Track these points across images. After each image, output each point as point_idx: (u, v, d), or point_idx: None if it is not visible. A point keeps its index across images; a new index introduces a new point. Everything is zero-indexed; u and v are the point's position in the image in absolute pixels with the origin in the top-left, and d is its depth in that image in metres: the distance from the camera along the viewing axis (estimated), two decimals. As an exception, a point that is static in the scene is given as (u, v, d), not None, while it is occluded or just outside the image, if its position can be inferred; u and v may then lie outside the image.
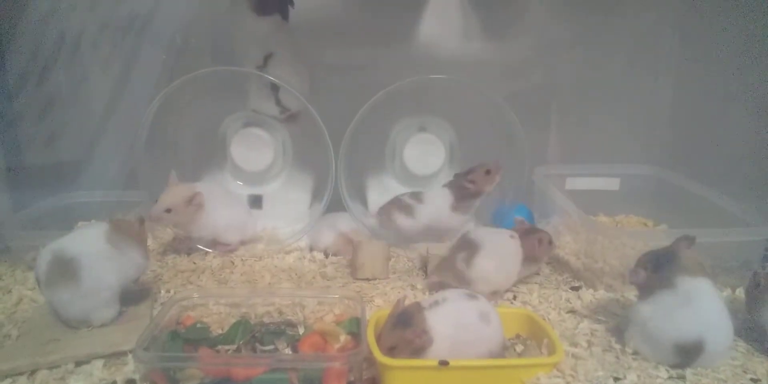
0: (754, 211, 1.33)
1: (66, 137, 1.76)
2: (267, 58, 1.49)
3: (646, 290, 1.05)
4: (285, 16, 1.54)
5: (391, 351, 0.94)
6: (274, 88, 1.52)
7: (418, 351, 0.94)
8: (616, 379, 0.96)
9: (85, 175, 1.77)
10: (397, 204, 1.51)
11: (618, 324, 1.14)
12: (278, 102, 1.54)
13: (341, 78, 1.72)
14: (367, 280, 1.35)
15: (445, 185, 1.51)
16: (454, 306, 0.98)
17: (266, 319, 1.12)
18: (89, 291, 1.05)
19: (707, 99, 1.69)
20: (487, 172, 1.46)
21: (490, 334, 0.98)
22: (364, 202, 1.67)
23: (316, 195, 1.64)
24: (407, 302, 1.01)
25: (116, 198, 1.64)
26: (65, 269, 1.04)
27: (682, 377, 0.97)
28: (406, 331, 0.94)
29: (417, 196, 1.50)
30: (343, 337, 1.03)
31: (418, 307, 0.98)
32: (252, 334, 1.05)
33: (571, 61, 1.77)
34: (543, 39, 1.75)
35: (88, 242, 1.09)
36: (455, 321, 0.96)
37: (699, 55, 1.70)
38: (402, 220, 1.49)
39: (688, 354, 0.98)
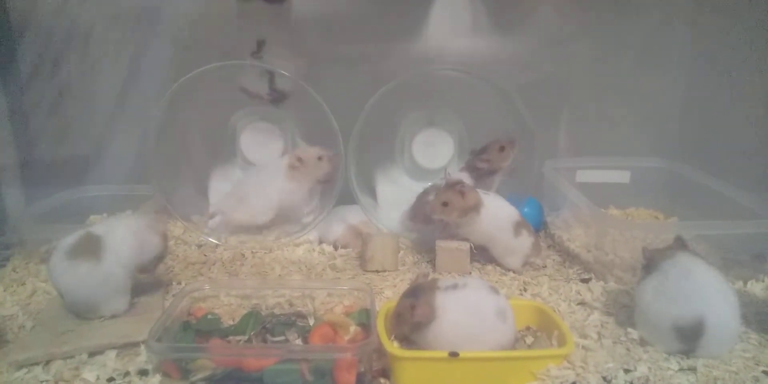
0: (764, 203, 1.32)
1: (77, 132, 1.77)
2: (260, 45, 1.48)
3: (646, 268, 1.06)
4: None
5: (397, 318, 0.97)
6: (271, 72, 1.51)
7: (418, 325, 0.95)
8: (626, 370, 0.96)
9: (97, 170, 1.77)
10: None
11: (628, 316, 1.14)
12: (272, 84, 1.53)
13: (351, 72, 1.71)
14: (377, 272, 1.36)
15: (462, 169, 1.51)
16: (472, 294, 0.99)
17: (277, 311, 1.13)
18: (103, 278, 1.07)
19: (718, 91, 1.67)
20: (501, 148, 1.46)
21: (504, 332, 0.98)
22: (373, 194, 1.67)
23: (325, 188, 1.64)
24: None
25: (127, 192, 1.66)
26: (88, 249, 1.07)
27: (693, 369, 0.97)
28: (408, 299, 0.96)
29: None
30: (353, 329, 1.04)
31: (432, 284, 0.99)
32: (263, 325, 1.06)
33: (582, 55, 1.75)
34: (553, 32, 1.73)
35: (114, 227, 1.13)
36: (468, 309, 0.96)
37: (709, 47, 1.69)
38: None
39: (688, 335, 0.98)
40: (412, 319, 0.95)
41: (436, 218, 1.33)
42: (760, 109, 1.56)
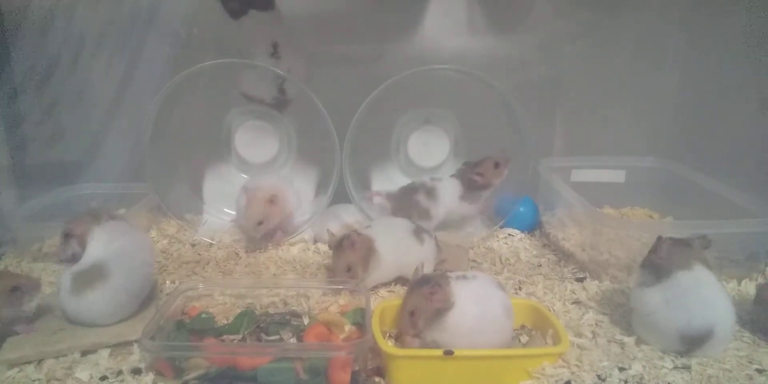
0: (760, 203, 1.32)
1: (73, 132, 1.75)
2: (275, 46, 1.48)
3: (656, 272, 1.04)
4: (264, 7, 1.48)
5: (410, 316, 0.95)
6: (280, 75, 1.51)
7: (437, 313, 0.94)
8: (621, 369, 0.96)
9: (93, 169, 1.76)
10: (414, 207, 1.49)
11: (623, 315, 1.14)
12: (282, 90, 1.53)
13: (347, 71, 1.71)
14: (372, 271, 1.35)
15: (453, 175, 1.51)
16: (482, 286, 0.99)
17: (271, 310, 1.12)
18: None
19: (713, 90, 1.67)
20: (496, 165, 1.46)
21: (507, 328, 0.98)
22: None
23: (320, 187, 1.64)
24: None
25: (122, 190, 1.65)
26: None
27: (688, 367, 0.97)
28: (424, 288, 0.94)
29: (430, 194, 1.49)
30: (348, 328, 1.04)
31: (443, 274, 0.99)
32: (257, 325, 1.05)
33: (577, 54, 1.75)
34: (548, 32, 1.73)
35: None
36: (480, 300, 0.96)
37: (704, 46, 1.69)
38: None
39: (695, 343, 0.99)
40: (431, 305, 0.94)
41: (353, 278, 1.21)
42: (754, 108, 1.56)
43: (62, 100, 1.73)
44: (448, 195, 1.49)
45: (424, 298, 0.95)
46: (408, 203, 1.50)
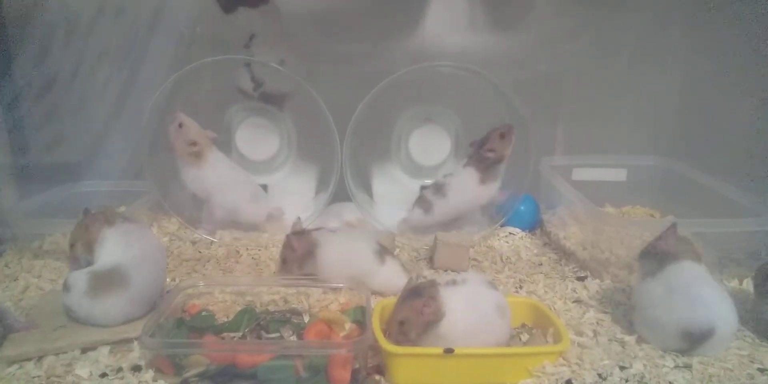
0: (761, 202, 1.32)
1: (76, 130, 1.75)
2: (251, 38, 1.50)
3: (660, 260, 1.04)
4: (254, 4, 1.49)
5: (401, 326, 0.94)
6: (247, 64, 1.51)
7: (428, 325, 0.94)
8: (622, 367, 0.96)
9: (96, 168, 1.76)
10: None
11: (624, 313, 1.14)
12: (255, 80, 1.52)
13: (348, 69, 1.71)
14: (373, 269, 1.34)
15: (465, 164, 1.50)
16: (472, 290, 0.98)
17: (271, 308, 1.12)
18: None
19: (714, 89, 1.67)
20: (502, 135, 1.45)
21: (502, 328, 0.98)
22: (369, 191, 1.66)
23: (321, 184, 1.64)
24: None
25: (123, 188, 1.65)
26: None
27: (689, 366, 0.97)
28: (415, 301, 0.94)
29: (439, 188, 1.51)
30: (348, 326, 1.04)
31: (432, 283, 0.98)
32: (257, 322, 1.05)
33: (578, 52, 1.75)
34: (550, 30, 1.73)
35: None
36: (471, 304, 0.96)
37: (706, 45, 1.69)
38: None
39: (697, 340, 0.98)
40: (422, 318, 0.94)
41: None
42: (756, 107, 1.56)
43: (65, 100, 1.73)
44: (465, 184, 1.48)
45: (416, 312, 0.94)
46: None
